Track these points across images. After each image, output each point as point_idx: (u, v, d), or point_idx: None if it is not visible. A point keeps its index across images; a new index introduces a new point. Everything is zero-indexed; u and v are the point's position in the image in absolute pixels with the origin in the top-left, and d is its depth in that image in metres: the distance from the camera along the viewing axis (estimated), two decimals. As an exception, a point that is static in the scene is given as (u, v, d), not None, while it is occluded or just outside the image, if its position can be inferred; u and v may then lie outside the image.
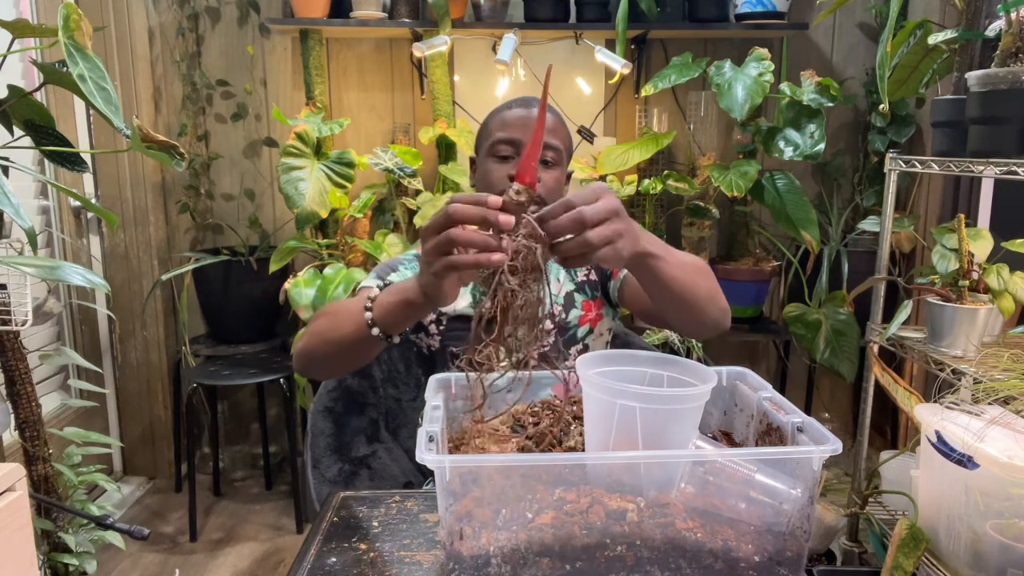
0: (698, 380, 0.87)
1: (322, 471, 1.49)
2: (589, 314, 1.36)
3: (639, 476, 0.81)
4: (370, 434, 1.60)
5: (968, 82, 1.37)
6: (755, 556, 0.82)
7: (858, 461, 1.74)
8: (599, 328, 1.39)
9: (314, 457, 1.49)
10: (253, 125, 2.82)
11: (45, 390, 2.41)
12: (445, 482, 0.79)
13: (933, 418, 0.98)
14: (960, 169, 1.43)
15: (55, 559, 1.63)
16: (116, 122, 1.11)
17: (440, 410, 0.91)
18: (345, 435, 1.56)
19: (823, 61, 2.85)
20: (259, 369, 2.54)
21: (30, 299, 1.49)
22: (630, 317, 2.79)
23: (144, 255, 2.70)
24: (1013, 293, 1.40)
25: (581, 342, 1.36)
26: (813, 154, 2.41)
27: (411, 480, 1.52)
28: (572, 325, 1.34)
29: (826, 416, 3.06)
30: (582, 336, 1.36)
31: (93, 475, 1.77)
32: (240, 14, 2.74)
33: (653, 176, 2.64)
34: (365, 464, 1.56)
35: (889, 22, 1.52)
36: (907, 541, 0.98)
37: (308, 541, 1.01)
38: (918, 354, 1.50)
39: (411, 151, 2.56)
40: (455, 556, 0.80)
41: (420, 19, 2.59)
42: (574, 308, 1.35)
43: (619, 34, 2.46)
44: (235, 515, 2.63)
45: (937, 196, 2.47)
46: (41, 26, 1.14)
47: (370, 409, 1.61)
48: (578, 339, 1.36)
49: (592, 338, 1.38)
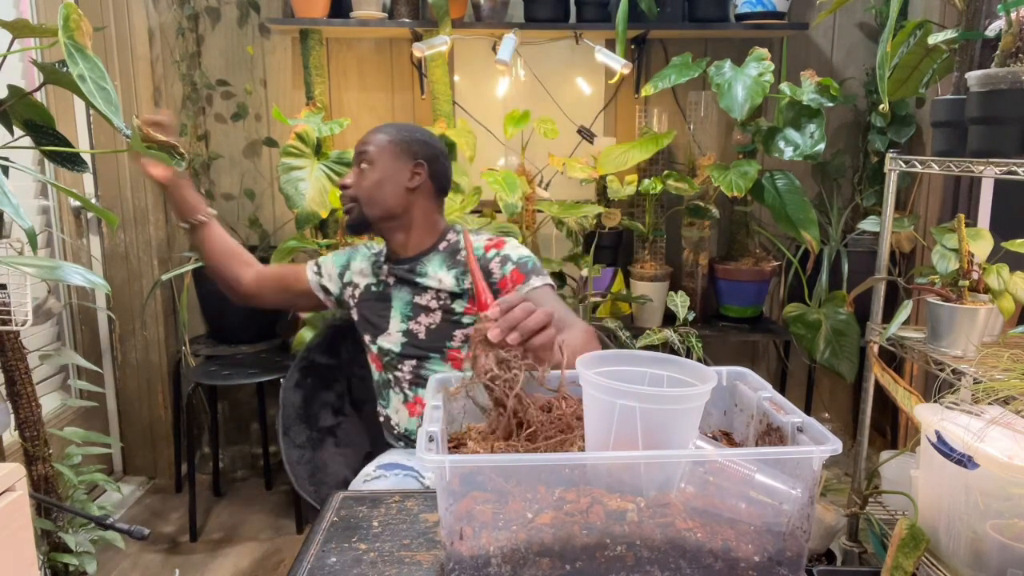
0: (698, 380, 0.87)
1: (292, 438, 1.68)
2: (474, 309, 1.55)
3: (639, 476, 0.81)
4: (336, 407, 1.78)
5: (968, 82, 1.37)
6: (755, 556, 0.82)
7: (858, 461, 1.74)
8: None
9: (284, 425, 1.68)
10: (253, 125, 2.82)
11: (45, 390, 2.41)
12: (445, 482, 0.79)
13: (933, 418, 0.98)
14: (960, 169, 1.43)
15: (55, 559, 1.63)
16: (116, 122, 1.11)
17: (440, 410, 0.91)
18: (313, 407, 1.75)
19: (823, 61, 2.85)
20: (259, 369, 2.54)
21: (30, 299, 1.49)
22: (630, 317, 2.79)
23: (144, 255, 2.70)
24: (1013, 293, 1.40)
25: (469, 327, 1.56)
26: (813, 154, 2.41)
27: (372, 450, 1.70)
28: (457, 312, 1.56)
29: (826, 416, 3.06)
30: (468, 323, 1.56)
31: (93, 475, 1.77)
32: (240, 14, 2.74)
33: (653, 176, 2.64)
34: (331, 433, 1.75)
35: (889, 22, 1.51)
36: (907, 541, 0.98)
37: (308, 541, 1.01)
38: (918, 354, 1.50)
39: (411, 151, 2.56)
40: (455, 556, 0.80)
41: (420, 19, 2.59)
42: (460, 300, 1.56)
43: (619, 34, 2.46)
44: (235, 515, 2.63)
45: (937, 196, 2.47)
46: (41, 26, 1.14)
47: (336, 385, 1.79)
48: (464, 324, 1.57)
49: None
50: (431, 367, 1.57)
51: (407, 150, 1.58)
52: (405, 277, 1.60)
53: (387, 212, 1.57)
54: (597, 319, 2.59)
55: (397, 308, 1.61)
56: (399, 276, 1.61)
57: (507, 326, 0.91)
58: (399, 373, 1.60)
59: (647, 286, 2.71)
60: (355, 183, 1.58)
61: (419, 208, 1.60)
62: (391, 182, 1.57)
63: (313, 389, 1.75)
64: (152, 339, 2.75)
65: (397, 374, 1.60)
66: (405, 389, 1.60)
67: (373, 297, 1.65)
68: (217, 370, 2.54)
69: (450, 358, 1.57)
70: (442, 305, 1.57)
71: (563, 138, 2.70)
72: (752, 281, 2.74)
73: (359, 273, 1.69)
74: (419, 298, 1.58)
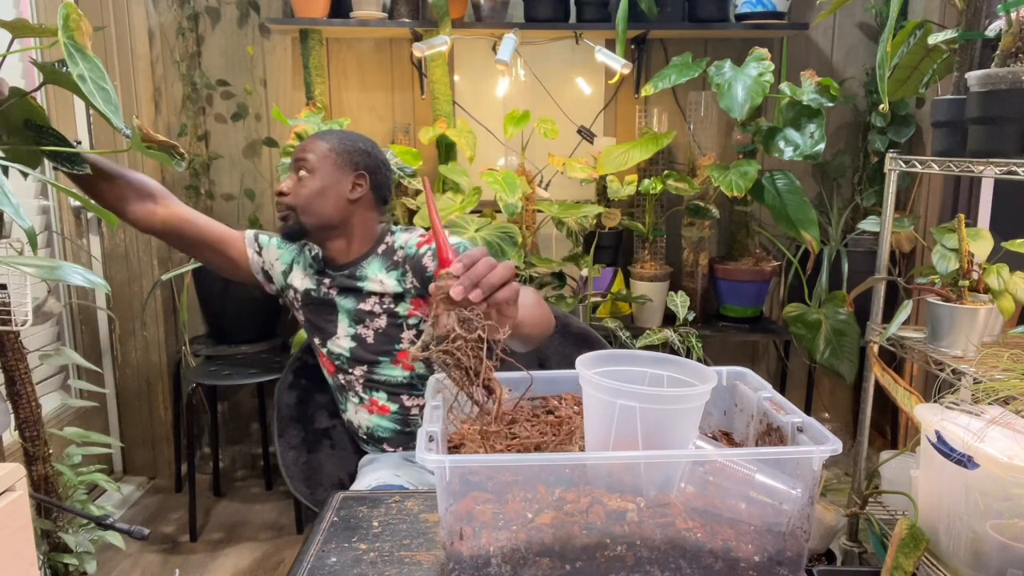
0: (698, 380, 0.87)
1: (287, 439, 1.68)
2: (418, 309, 1.55)
3: (639, 476, 0.81)
4: (331, 409, 1.76)
5: (968, 82, 1.37)
6: (755, 556, 0.82)
7: (858, 461, 1.75)
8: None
9: (280, 427, 1.68)
10: (253, 125, 2.82)
11: (45, 390, 2.41)
12: (445, 482, 0.79)
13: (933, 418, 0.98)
14: (960, 169, 1.43)
15: (55, 559, 1.63)
16: (116, 122, 1.11)
17: (440, 410, 0.91)
18: (308, 409, 1.74)
19: (823, 61, 2.85)
20: (259, 369, 2.54)
21: (30, 299, 1.48)
22: (630, 317, 2.79)
23: (144, 255, 2.70)
24: (1013, 293, 1.40)
25: (415, 328, 1.56)
26: (813, 154, 2.41)
27: (366, 451, 1.67)
28: (402, 315, 1.55)
29: (826, 416, 3.06)
30: (413, 324, 1.55)
31: (93, 475, 1.77)
32: (240, 14, 2.74)
33: (653, 176, 2.64)
34: (326, 435, 1.74)
35: (889, 22, 1.51)
36: (907, 541, 0.98)
37: (308, 541, 1.01)
38: (918, 354, 1.50)
39: (411, 151, 2.56)
40: (455, 556, 0.80)
41: (420, 19, 2.59)
42: (403, 302, 1.55)
43: (619, 34, 2.46)
44: (235, 515, 2.63)
45: (937, 196, 2.47)
46: (41, 26, 1.14)
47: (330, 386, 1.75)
48: (410, 326, 1.56)
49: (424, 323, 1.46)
50: (381, 371, 1.56)
51: (349, 160, 1.54)
52: (347, 284, 1.57)
53: (326, 222, 1.53)
54: (597, 319, 2.59)
55: (343, 314, 1.58)
56: (341, 283, 1.58)
57: (469, 282, 0.87)
58: (351, 377, 1.59)
59: (647, 286, 2.71)
60: (293, 191, 1.52)
61: (359, 218, 1.56)
62: (331, 192, 1.52)
63: (307, 391, 1.75)
64: (152, 339, 2.75)
65: (349, 378, 1.59)
66: (360, 392, 1.59)
67: (316, 302, 1.61)
68: (217, 370, 2.53)
69: (399, 360, 1.56)
70: (386, 309, 1.54)
71: (563, 138, 2.70)
72: (752, 281, 2.74)
73: (300, 277, 1.64)
74: (363, 304, 1.56)
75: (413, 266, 1.51)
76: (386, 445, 1.60)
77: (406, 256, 1.54)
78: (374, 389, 1.58)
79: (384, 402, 1.57)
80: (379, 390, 1.57)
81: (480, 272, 0.88)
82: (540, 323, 1.25)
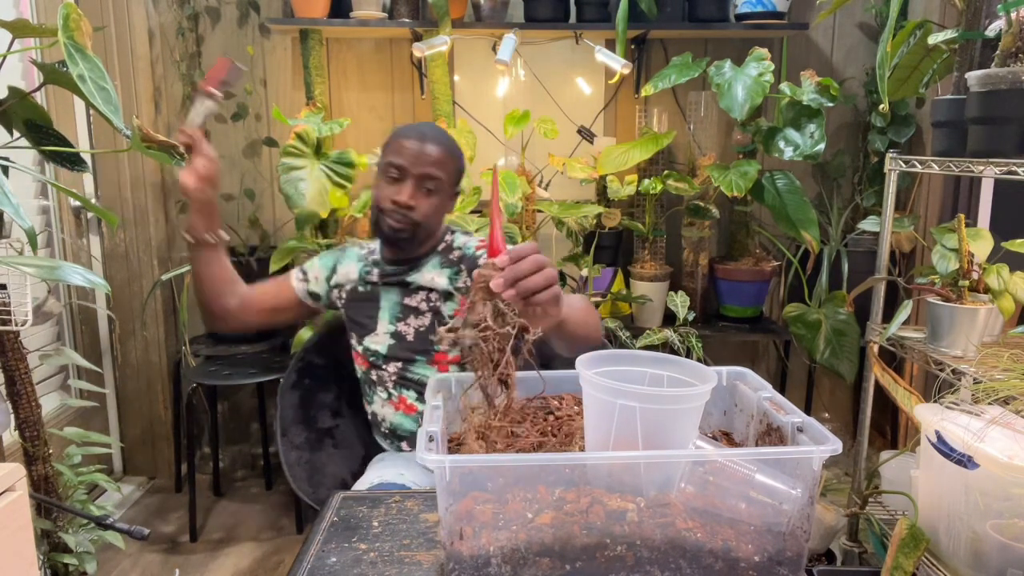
0: (698, 380, 0.87)
1: (290, 439, 1.68)
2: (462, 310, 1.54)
3: (639, 476, 0.81)
4: (334, 408, 1.77)
5: (968, 82, 1.37)
6: (755, 556, 0.82)
7: (858, 461, 1.74)
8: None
9: (283, 427, 1.68)
10: (253, 125, 2.82)
11: (45, 390, 2.41)
12: (445, 482, 0.79)
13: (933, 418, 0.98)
14: (960, 169, 1.43)
15: (55, 559, 1.63)
16: (116, 122, 1.11)
17: (440, 410, 0.91)
18: (311, 408, 1.74)
19: (823, 61, 2.85)
20: (259, 369, 2.54)
21: (30, 299, 1.48)
22: (630, 317, 2.79)
23: (144, 255, 2.70)
24: (1013, 293, 1.40)
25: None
26: (813, 154, 2.41)
27: (369, 451, 1.69)
28: (447, 315, 1.56)
29: (826, 416, 3.06)
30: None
31: (93, 475, 1.77)
32: (240, 14, 2.74)
33: (653, 176, 2.64)
34: (329, 434, 1.74)
35: (889, 22, 1.51)
36: (907, 541, 0.98)
37: (308, 541, 1.01)
38: (918, 354, 1.50)
39: (411, 151, 2.56)
40: (455, 556, 0.80)
41: (420, 19, 2.59)
42: (451, 301, 1.55)
43: (619, 34, 2.46)
44: (235, 515, 2.63)
45: (937, 196, 2.47)
46: (41, 26, 1.14)
47: (334, 386, 1.78)
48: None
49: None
50: (416, 369, 1.56)
51: (457, 180, 1.59)
52: (396, 278, 1.59)
53: (431, 233, 1.57)
54: (597, 319, 2.58)
55: (386, 309, 1.60)
56: (390, 277, 1.60)
57: (512, 277, 0.88)
58: (383, 373, 1.59)
59: (647, 286, 2.71)
60: (419, 206, 1.51)
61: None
62: (444, 209, 1.57)
63: (310, 390, 1.75)
64: (152, 339, 2.75)
65: (382, 374, 1.59)
66: (389, 388, 1.59)
67: (361, 298, 1.63)
68: (217, 370, 2.53)
69: (436, 360, 1.57)
70: (432, 307, 1.56)
71: (563, 138, 2.70)
72: (752, 281, 2.74)
73: (347, 274, 1.66)
74: (409, 299, 1.57)
75: (469, 266, 1.54)
76: (405, 444, 1.59)
77: (463, 256, 1.56)
78: (404, 387, 1.58)
79: (412, 401, 1.57)
80: (410, 388, 1.58)
81: (523, 270, 0.90)
82: (587, 327, 1.25)
